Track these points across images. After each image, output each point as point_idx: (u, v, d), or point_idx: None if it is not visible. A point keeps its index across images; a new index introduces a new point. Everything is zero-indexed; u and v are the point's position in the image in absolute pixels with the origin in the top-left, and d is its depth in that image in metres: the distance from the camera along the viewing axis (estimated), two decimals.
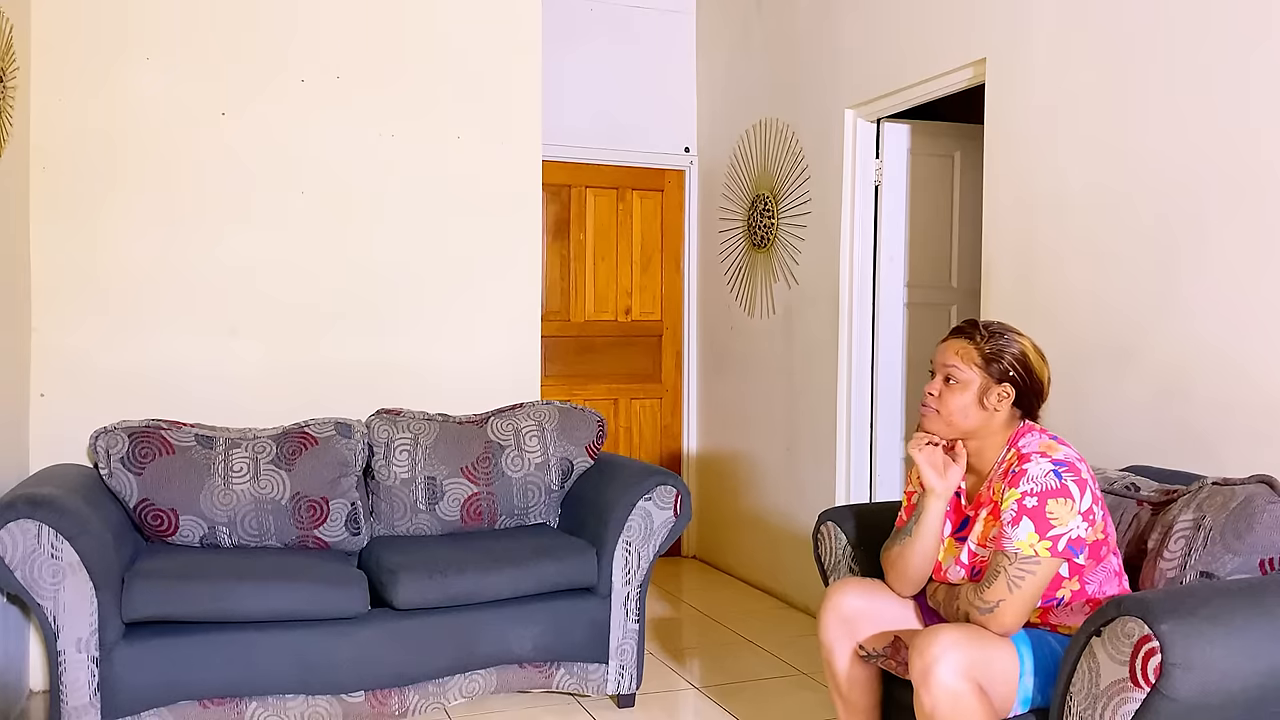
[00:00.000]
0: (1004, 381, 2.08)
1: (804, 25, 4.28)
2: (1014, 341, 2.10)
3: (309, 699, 2.77)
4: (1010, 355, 2.08)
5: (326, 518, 3.13)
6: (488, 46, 3.80)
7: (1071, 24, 2.96)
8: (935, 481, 2.15)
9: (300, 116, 3.54)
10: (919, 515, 2.17)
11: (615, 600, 3.10)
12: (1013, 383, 2.08)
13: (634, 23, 5.11)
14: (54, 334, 3.26)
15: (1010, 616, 1.94)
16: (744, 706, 3.20)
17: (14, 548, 2.49)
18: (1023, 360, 2.08)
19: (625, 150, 5.14)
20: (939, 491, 2.15)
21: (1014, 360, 2.08)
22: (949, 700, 1.85)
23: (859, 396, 4.03)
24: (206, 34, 3.43)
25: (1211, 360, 2.54)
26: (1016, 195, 3.19)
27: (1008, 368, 2.07)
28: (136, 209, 3.36)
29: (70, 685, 2.56)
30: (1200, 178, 2.57)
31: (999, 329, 2.12)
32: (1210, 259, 2.55)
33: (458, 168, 3.76)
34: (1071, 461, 1.98)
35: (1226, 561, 1.98)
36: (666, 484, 3.14)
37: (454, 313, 3.79)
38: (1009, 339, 2.10)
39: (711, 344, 5.15)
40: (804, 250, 4.28)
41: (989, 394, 2.08)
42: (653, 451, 5.32)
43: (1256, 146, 2.44)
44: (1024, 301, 3.14)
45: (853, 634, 2.25)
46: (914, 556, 2.18)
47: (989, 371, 2.08)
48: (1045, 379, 2.11)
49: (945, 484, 2.15)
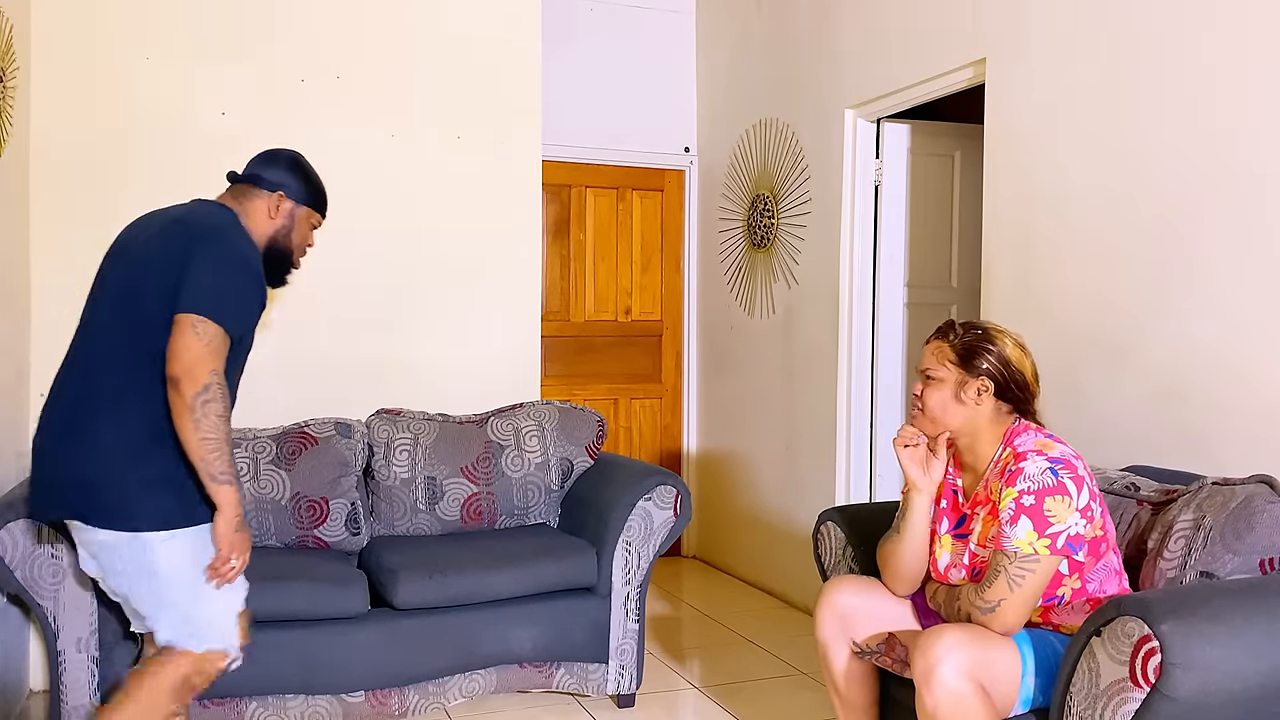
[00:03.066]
0: (980, 376, 2.09)
1: (804, 25, 4.28)
2: (989, 337, 2.12)
3: (309, 699, 2.77)
4: (984, 349, 2.10)
5: (326, 518, 3.13)
6: (488, 46, 3.80)
7: (1071, 24, 2.96)
8: (918, 477, 2.20)
9: (300, 116, 3.54)
10: (905, 511, 2.22)
11: (615, 600, 3.10)
12: (989, 376, 2.09)
13: (634, 23, 5.11)
14: (54, 334, 3.25)
15: (1012, 615, 1.94)
16: (744, 706, 3.20)
17: (14, 548, 2.50)
18: (998, 354, 2.09)
19: (625, 150, 5.14)
20: (921, 486, 2.20)
21: (988, 354, 2.09)
22: (951, 700, 1.85)
23: (859, 396, 4.03)
24: (206, 34, 3.43)
25: (1211, 360, 2.54)
26: (1016, 195, 3.19)
27: (981, 362, 2.09)
28: (137, 209, 3.32)
29: (70, 685, 2.56)
30: (1200, 178, 2.57)
31: (975, 326, 2.15)
32: (1210, 258, 2.55)
33: (458, 168, 3.76)
34: (1068, 459, 1.98)
35: (1226, 561, 1.98)
36: (666, 484, 3.14)
37: (454, 312, 3.79)
38: (984, 334, 2.12)
39: (711, 344, 5.15)
40: (804, 250, 4.28)
41: (966, 389, 2.10)
42: (653, 451, 5.32)
43: (1257, 146, 2.44)
44: (1024, 301, 3.14)
45: (849, 631, 2.26)
46: (904, 553, 2.21)
47: (963, 367, 2.11)
48: (1028, 372, 2.11)
49: (928, 479, 2.20)
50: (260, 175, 2.34)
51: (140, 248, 2.19)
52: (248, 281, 2.16)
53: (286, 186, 2.34)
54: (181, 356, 2.00)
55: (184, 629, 2.14)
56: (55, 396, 2.19)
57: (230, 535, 2.10)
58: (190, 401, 1.99)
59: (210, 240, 2.13)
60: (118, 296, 2.16)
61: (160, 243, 2.15)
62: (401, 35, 3.68)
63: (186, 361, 1.99)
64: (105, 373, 2.11)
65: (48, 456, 2.17)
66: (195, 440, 2.01)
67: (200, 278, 2.06)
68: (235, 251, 2.16)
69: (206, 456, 2.02)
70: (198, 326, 2.01)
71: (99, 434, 2.09)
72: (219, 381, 2.03)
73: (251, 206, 2.31)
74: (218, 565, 2.12)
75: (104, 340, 2.14)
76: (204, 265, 2.08)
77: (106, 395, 2.09)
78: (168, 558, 2.10)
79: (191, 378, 1.99)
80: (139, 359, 2.08)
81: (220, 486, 2.06)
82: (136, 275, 2.14)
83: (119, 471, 2.08)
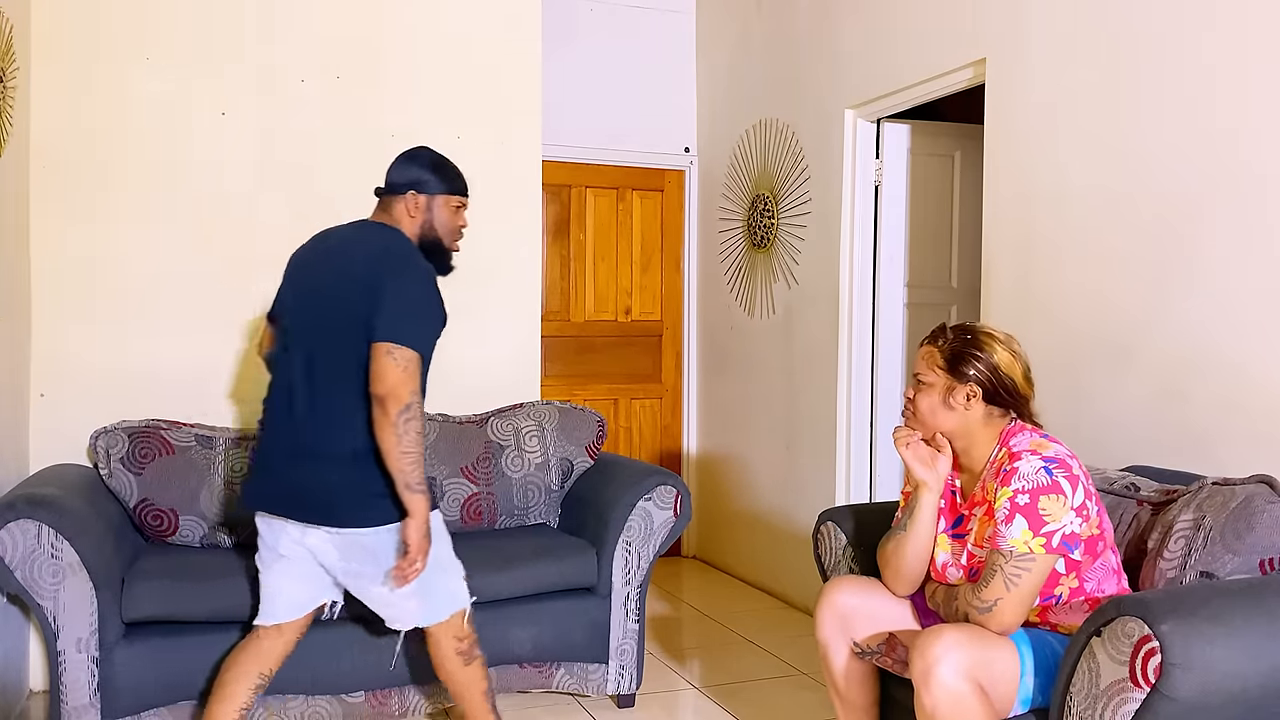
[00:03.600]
0: (967, 382, 2.09)
1: (804, 25, 4.28)
2: (978, 342, 2.11)
3: (309, 699, 2.77)
4: (971, 356, 2.10)
5: None
6: (488, 46, 3.80)
7: (1071, 24, 2.96)
8: (925, 474, 2.18)
9: (300, 116, 3.54)
10: (913, 510, 2.20)
11: (615, 600, 3.10)
12: (976, 382, 2.09)
13: (634, 23, 5.11)
14: (54, 334, 3.26)
15: (1009, 614, 1.94)
16: (744, 706, 3.20)
17: (14, 548, 2.49)
18: (986, 360, 2.09)
19: (625, 150, 5.14)
20: (930, 484, 2.18)
21: (975, 360, 2.09)
22: (950, 701, 1.85)
23: (859, 396, 4.03)
24: (207, 34, 3.43)
25: (1211, 360, 2.54)
26: (1016, 195, 3.19)
27: (968, 368, 2.09)
28: (137, 209, 3.36)
29: (70, 685, 2.56)
30: (1200, 177, 2.57)
31: (966, 330, 2.15)
32: (1210, 258, 2.55)
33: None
34: (1062, 458, 1.98)
35: (1226, 561, 1.98)
36: (666, 484, 3.14)
37: (454, 312, 3.72)
38: (973, 340, 2.12)
39: (711, 344, 5.15)
40: (804, 250, 4.28)
41: (954, 394, 2.11)
42: (653, 451, 5.32)
43: (1257, 145, 2.44)
44: (1024, 301, 3.14)
45: (849, 631, 2.26)
46: (908, 553, 2.20)
47: (951, 373, 2.11)
48: (1018, 376, 2.11)
49: (935, 475, 2.18)
50: (392, 182, 2.50)
51: (331, 279, 2.39)
52: (431, 305, 2.35)
53: (415, 183, 2.48)
54: (384, 379, 2.22)
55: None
56: (280, 414, 2.40)
57: (420, 539, 2.28)
58: (394, 419, 2.22)
59: (397, 268, 2.33)
60: (317, 326, 2.37)
61: (351, 274, 2.34)
62: (401, 35, 3.68)
63: (390, 384, 2.22)
64: (322, 394, 2.33)
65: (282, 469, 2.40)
66: (397, 453, 2.23)
67: (391, 307, 2.26)
68: (417, 278, 2.35)
69: (405, 468, 2.24)
70: (394, 353, 2.23)
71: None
72: (418, 401, 2.26)
73: (396, 213, 2.49)
74: (404, 566, 2.29)
75: (314, 365, 2.35)
76: (393, 295, 2.28)
77: (332, 414, 2.33)
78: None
79: (395, 398, 2.22)
80: (350, 382, 2.29)
81: (414, 495, 2.26)
82: (337, 308, 2.33)
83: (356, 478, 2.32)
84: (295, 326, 2.41)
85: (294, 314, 2.44)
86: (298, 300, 2.45)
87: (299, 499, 2.35)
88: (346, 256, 2.40)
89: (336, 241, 2.49)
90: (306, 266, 2.49)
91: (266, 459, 2.42)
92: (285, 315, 2.46)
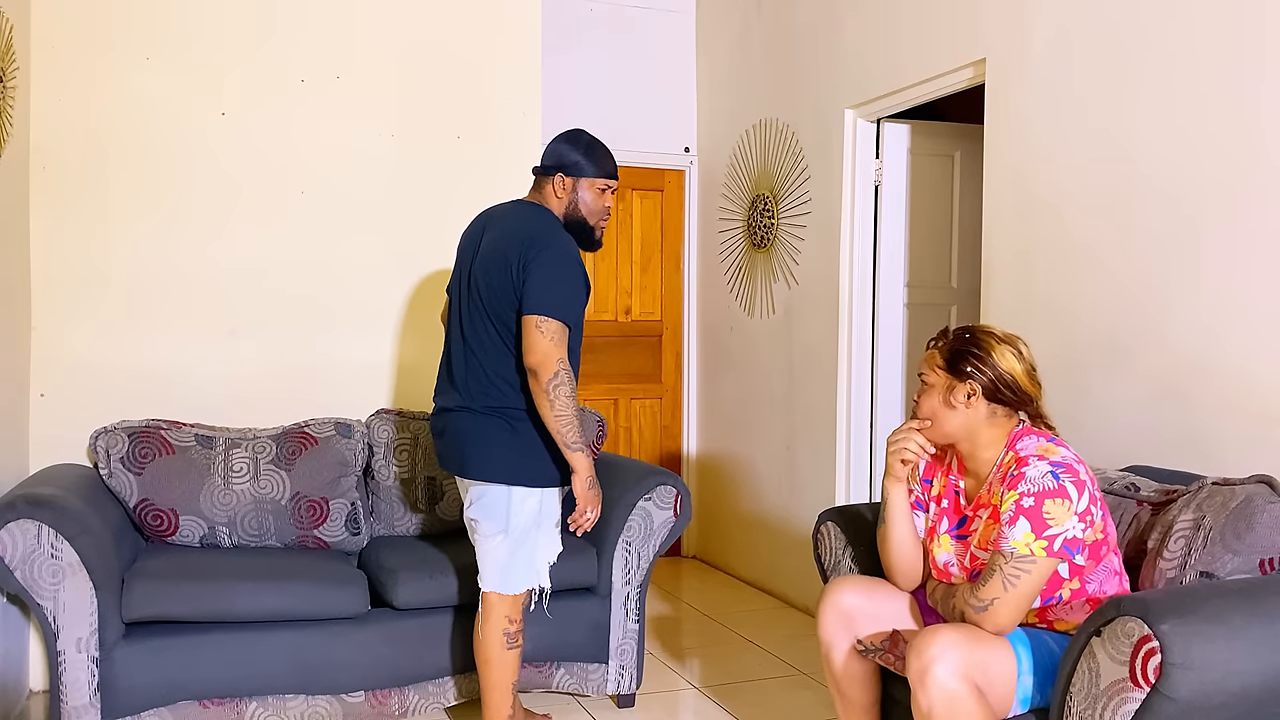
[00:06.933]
0: (966, 380, 2.10)
1: (804, 25, 4.28)
2: (977, 341, 2.11)
3: (309, 699, 2.77)
4: (969, 354, 2.10)
5: (326, 518, 3.13)
6: (487, 46, 3.79)
7: (1071, 24, 2.96)
8: (895, 466, 2.24)
9: (300, 116, 3.54)
10: (883, 501, 2.27)
11: (615, 600, 3.10)
12: (975, 379, 2.09)
13: (634, 23, 5.11)
14: (54, 334, 3.26)
15: (1005, 615, 1.94)
16: (744, 706, 3.20)
17: (14, 548, 2.49)
18: (984, 358, 2.09)
19: (625, 150, 5.11)
20: (895, 473, 2.24)
21: (973, 358, 2.09)
22: (946, 701, 1.85)
23: (859, 396, 4.03)
24: (207, 34, 3.43)
25: (1211, 360, 2.54)
26: (1016, 195, 3.19)
27: (966, 366, 2.10)
28: (137, 209, 3.36)
29: (70, 685, 2.56)
30: (1200, 177, 2.57)
31: (967, 330, 2.15)
32: (1209, 258, 2.55)
33: (458, 168, 3.76)
34: (1069, 463, 1.98)
35: (1226, 561, 1.98)
36: (666, 484, 3.14)
37: None
38: (972, 338, 2.12)
39: (711, 344, 5.15)
40: (804, 250, 4.28)
41: (954, 393, 2.11)
42: (653, 451, 5.32)
43: (1256, 147, 2.44)
44: (1024, 301, 3.14)
45: (851, 631, 2.26)
46: (888, 544, 2.26)
47: (950, 372, 2.12)
48: (1019, 374, 2.10)
49: (904, 469, 2.24)
50: (544, 164, 2.67)
51: (484, 256, 2.57)
52: (573, 278, 2.51)
53: (564, 165, 2.63)
54: (535, 350, 2.43)
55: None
56: (443, 379, 2.68)
57: (586, 492, 2.52)
58: (545, 386, 2.43)
59: (540, 246, 2.49)
60: (471, 299, 2.59)
61: (501, 251, 2.52)
62: (401, 35, 3.67)
63: (539, 355, 2.42)
64: (474, 360, 2.56)
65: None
66: (551, 416, 2.44)
67: (536, 282, 2.45)
68: (561, 252, 2.51)
69: (561, 429, 2.45)
70: (541, 325, 2.43)
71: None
72: (565, 368, 2.45)
73: (545, 193, 2.66)
74: (576, 517, 2.54)
75: (468, 334, 2.58)
76: (539, 270, 2.46)
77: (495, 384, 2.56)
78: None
79: (545, 366, 2.42)
80: (497, 349, 2.53)
81: (574, 453, 2.49)
82: (489, 281, 2.53)
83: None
84: (456, 299, 2.66)
85: (455, 287, 2.67)
86: (458, 275, 2.66)
87: (450, 453, 2.62)
88: (498, 234, 2.57)
89: (492, 220, 2.66)
90: (469, 242, 2.68)
91: (438, 421, 2.67)
92: (450, 288, 2.73)
